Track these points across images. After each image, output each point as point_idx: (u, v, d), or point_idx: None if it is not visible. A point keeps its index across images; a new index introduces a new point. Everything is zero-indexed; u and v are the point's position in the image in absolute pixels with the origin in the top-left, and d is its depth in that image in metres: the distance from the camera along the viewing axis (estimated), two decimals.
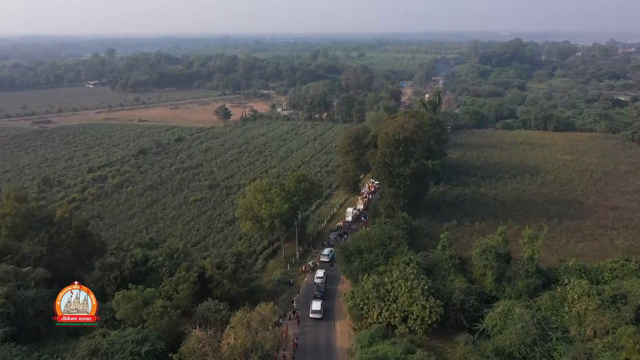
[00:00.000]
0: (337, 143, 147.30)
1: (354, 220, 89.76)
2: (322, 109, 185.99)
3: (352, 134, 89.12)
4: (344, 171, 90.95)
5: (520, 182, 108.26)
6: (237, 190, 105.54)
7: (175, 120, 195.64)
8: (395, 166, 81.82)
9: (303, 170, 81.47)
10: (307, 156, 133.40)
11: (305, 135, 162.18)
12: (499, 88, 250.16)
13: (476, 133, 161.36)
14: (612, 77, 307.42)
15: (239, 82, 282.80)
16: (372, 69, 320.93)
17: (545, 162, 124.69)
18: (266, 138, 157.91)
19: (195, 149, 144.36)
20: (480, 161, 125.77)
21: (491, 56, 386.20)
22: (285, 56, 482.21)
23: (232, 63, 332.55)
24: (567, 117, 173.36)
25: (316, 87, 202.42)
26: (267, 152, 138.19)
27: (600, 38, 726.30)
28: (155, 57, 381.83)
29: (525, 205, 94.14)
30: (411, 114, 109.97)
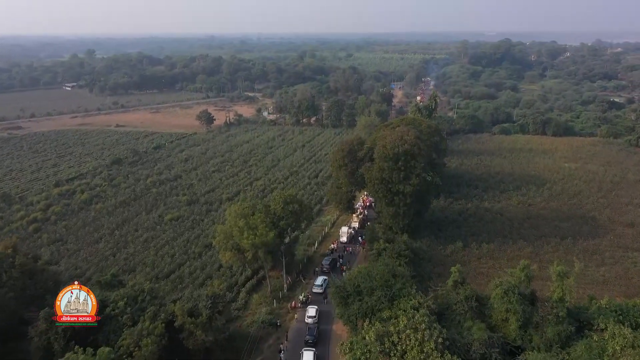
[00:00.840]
0: (327, 150, 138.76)
1: (349, 241, 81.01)
2: (310, 113, 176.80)
3: (345, 146, 79.98)
4: (337, 187, 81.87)
5: (525, 194, 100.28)
6: (218, 206, 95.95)
7: (155, 126, 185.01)
8: (394, 183, 73.11)
9: (291, 190, 72.07)
10: (295, 165, 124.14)
11: (293, 141, 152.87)
12: (492, 89, 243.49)
13: (472, 138, 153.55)
14: (603, 77, 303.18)
15: (223, 84, 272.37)
16: (361, 70, 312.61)
17: (548, 170, 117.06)
18: (251, 145, 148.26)
19: (174, 158, 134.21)
20: (480, 170, 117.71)
21: (481, 57, 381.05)
22: (272, 57, 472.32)
23: (217, 64, 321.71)
24: (566, 120, 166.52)
25: (304, 89, 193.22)
26: (252, 161, 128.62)
27: (586, 38, 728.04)
28: (136, 58, 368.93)
29: (535, 222, 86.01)
30: (408, 122, 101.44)
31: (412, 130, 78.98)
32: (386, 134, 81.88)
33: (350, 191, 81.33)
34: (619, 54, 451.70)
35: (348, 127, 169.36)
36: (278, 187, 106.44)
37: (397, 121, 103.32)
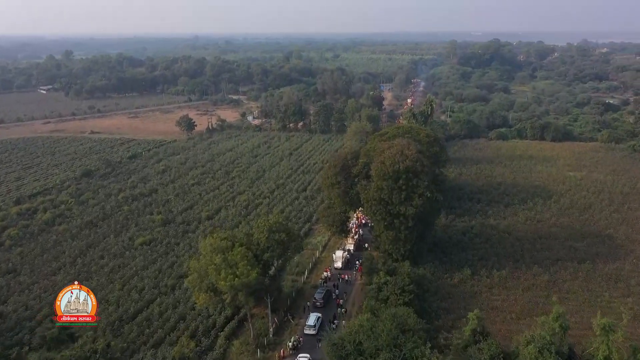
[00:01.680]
0: (316, 159, 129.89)
1: (345, 266, 72.18)
2: (297, 118, 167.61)
3: (338, 162, 70.86)
4: (328, 207, 72.77)
5: (532, 208, 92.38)
6: (196, 227, 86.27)
7: (133, 132, 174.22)
8: (395, 204, 64.39)
9: (277, 215, 62.65)
10: (281, 177, 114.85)
11: (280, 149, 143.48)
12: (483, 91, 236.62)
13: (468, 144, 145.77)
14: (594, 78, 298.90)
15: (206, 86, 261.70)
16: (349, 71, 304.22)
17: (553, 180, 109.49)
18: (235, 153, 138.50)
19: (151, 169, 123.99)
20: (481, 181, 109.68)
21: (470, 57, 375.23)
22: (257, 57, 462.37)
23: (200, 65, 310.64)
24: (564, 124, 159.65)
25: (290, 92, 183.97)
26: (236, 172, 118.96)
27: (572, 38, 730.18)
28: (116, 59, 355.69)
29: (547, 243, 77.94)
30: (405, 130, 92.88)
31: (412, 143, 70.29)
32: (383, 146, 73.08)
33: (344, 212, 72.32)
34: (607, 54, 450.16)
35: (337, 133, 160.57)
36: (263, 203, 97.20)
37: (393, 130, 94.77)
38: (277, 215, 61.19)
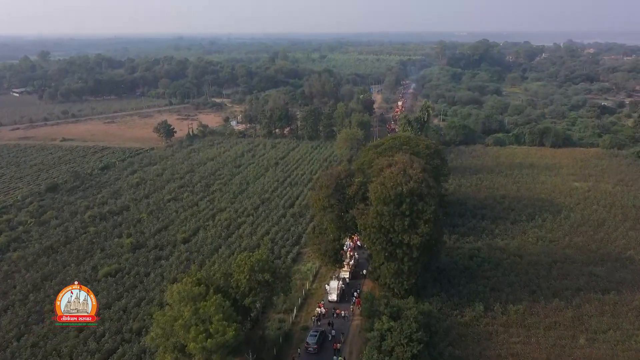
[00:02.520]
0: (304, 169, 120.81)
1: (340, 299, 63.26)
2: (283, 123, 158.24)
3: (331, 181, 61.60)
4: (320, 233, 63.56)
5: (541, 226, 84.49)
6: (170, 252, 76.56)
7: (108, 139, 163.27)
8: (397, 232, 55.60)
9: (262, 251, 52.99)
10: (266, 190, 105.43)
11: (265, 158, 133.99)
12: (476, 93, 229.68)
13: (465, 151, 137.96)
14: (585, 79, 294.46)
15: (188, 89, 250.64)
16: (336, 72, 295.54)
17: (559, 192, 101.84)
18: (216, 163, 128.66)
19: (124, 181, 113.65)
20: (483, 193, 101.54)
21: (459, 58, 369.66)
22: (242, 58, 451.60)
23: (182, 67, 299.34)
24: (562, 129, 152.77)
25: (276, 96, 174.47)
26: (217, 185, 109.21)
27: (557, 38, 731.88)
28: (94, 60, 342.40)
29: (563, 268, 69.81)
30: (402, 141, 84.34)
31: (416, 160, 61.54)
32: (382, 163, 64.29)
33: (338, 239, 63.19)
34: (594, 54, 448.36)
35: (326, 140, 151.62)
36: (246, 222, 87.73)
37: (389, 141, 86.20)
38: (262, 251, 51.60)
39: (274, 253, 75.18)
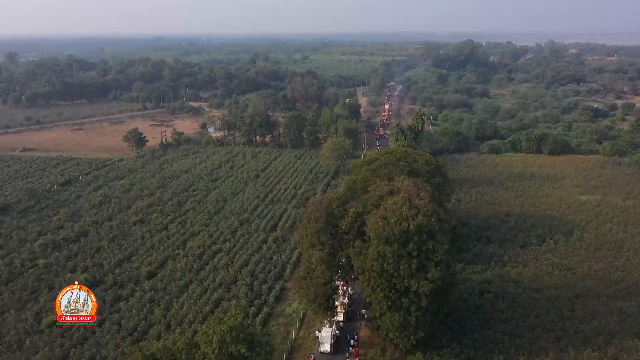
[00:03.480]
0: (287, 183, 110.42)
1: (335, 349, 53.10)
2: (264, 131, 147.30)
3: (321, 212, 50.96)
4: (308, 275, 52.89)
5: (554, 250, 75.57)
6: (131, 291, 65.28)
7: (74, 148, 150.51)
8: (403, 277, 45.59)
9: (235, 314, 41.53)
10: (246, 209, 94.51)
11: (244, 169, 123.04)
12: (464, 96, 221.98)
13: (459, 160, 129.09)
14: (572, 80, 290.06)
15: (164, 92, 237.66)
16: (319, 74, 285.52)
17: (567, 208, 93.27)
18: (191, 176, 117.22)
19: (86, 200, 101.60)
20: (485, 210, 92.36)
21: (444, 59, 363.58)
22: (222, 59, 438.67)
23: (158, 69, 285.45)
24: (558, 134, 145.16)
25: (256, 101, 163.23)
26: (190, 203, 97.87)
27: (538, 38, 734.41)
28: (65, 61, 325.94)
29: (587, 304, 60.58)
30: (399, 157, 74.46)
31: (422, 186, 51.53)
32: (380, 187, 54.14)
33: (330, 282, 52.76)
34: (578, 55, 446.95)
35: (311, 148, 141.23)
36: (222, 250, 76.82)
37: (384, 156, 76.17)
38: (234, 312, 40.66)
39: (253, 290, 64.61)
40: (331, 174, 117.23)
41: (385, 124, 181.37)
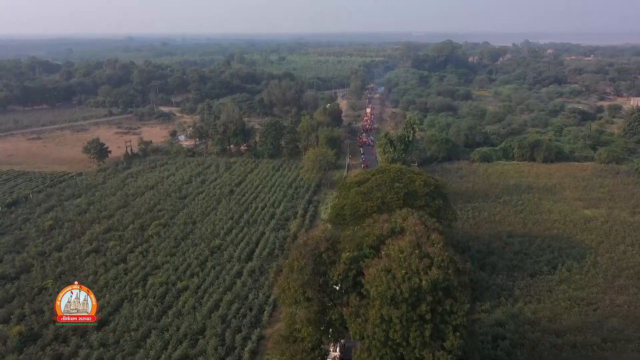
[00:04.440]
0: (265, 200, 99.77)
1: None
2: (239, 139, 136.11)
3: (307, 259, 40.27)
4: (290, 337, 42.43)
5: (568, 278, 66.86)
6: (74, 351, 53.39)
7: (29, 161, 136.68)
8: (413, 347, 35.58)
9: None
10: (218, 233, 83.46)
11: (217, 184, 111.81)
12: (447, 98, 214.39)
13: (450, 170, 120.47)
14: (553, 81, 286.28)
15: (132, 96, 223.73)
16: (297, 76, 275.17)
17: (573, 226, 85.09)
18: (157, 193, 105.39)
19: (34, 224, 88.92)
20: (484, 230, 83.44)
21: (424, 59, 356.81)
22: (196, 61, 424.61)
23: (126, 71, 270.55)
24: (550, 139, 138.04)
25: (230, 107, 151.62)
26: (154, 227, 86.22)
27: (514, 39, 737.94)
28: (27, 64, 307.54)
29: (620, 353, 51.83)
30: (393, 176, 64.63)
31: (432, 225, 41.65)
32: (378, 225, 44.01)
33: (319, 346, 42.31)
34: (556, 55, 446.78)
35: (290, 158, 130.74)
36: (189, 287, 65.71)
37: (376, 176, 66.19)
38: None
39: (224, 342, 53.81)
40: (313, 188, 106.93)
41: (368, 129, 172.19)
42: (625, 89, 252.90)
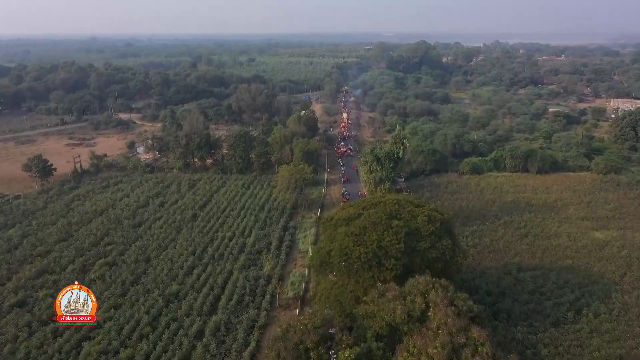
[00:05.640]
0: (234, 227, 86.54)
1: None
2: (204, 153, 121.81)
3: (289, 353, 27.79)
4: None
5: (598, 328, 55.97)
6: None
7: None
8: None
9: None
10: (176, 275, 69.46)
11: (178, 206, 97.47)
12: (426, 102, 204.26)
13: (439, 184, 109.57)
14: (530, 82, 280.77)
15: (88, 103, 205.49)
16: (268, 79, 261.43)
17: (587, 253, 74.93)
18: (107, 221, 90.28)
19: None
20: (489, 262, 72.27)
21: (398, 60, 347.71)
22: (161, 62, 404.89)
23: (83, 75, 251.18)
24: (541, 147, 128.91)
25: (194, 116, 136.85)
26: (99, 267, 71.53)
27: (484, 39, 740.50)
28: None
29: None
30: (390, 212, 52.29)
31: (468, 309, 29.46)
32: (389, 305, 31.62)
33: None
34: (529, 55, 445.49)
35: (261, 173, 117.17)
36: (135, 357, 51.77)
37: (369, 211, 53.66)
38: None
39: None
40: (288, 210, 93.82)
41: (345, 136, 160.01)
42: (603, 90, 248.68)
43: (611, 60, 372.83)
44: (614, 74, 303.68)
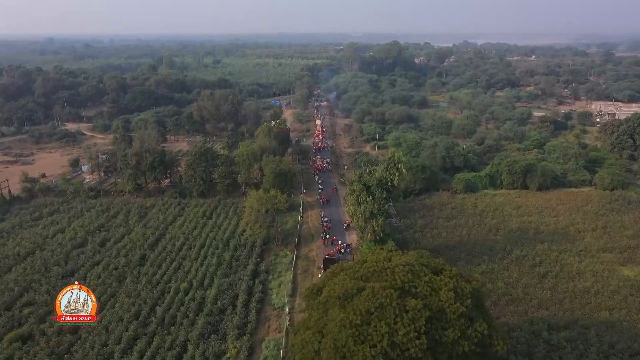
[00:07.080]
0: (191, 272, 69.68)
1: None
2: (159, 173, 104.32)
3: None
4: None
5: None
6: None
7: None
8: None
9: None
10: (111, 350, 52.65)
11: (124, 244, 79.99)
12: (404, 106, 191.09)
13: (431, 206, 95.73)
14: (507, 84, 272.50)
15: (31, 112, 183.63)
16: (235, 82, 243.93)
17: (622, 299, 62.11)
18: (31, 269, 71.99)
19: None
20: (511, 316, 58.37)
21: (371, 62, 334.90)
22: (120, 65, 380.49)
23: (28, 80, 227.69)
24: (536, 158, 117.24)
25: (146, 132, 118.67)
26: (8, 345, 53.97)
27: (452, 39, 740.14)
28: None
29: None
30: (401, 281, 37.26)
31: None
32: None
33: None
34: (501, 56, 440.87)
35: (227, 196, 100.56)
36: None
37: (372, 284, 38.38)
38: None
39: None
40: (258, 247, 77.84)
41: (320, 147, 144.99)
42: (583, 92, 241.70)
43: (584, 61, 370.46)
44: (589, 75, 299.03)
